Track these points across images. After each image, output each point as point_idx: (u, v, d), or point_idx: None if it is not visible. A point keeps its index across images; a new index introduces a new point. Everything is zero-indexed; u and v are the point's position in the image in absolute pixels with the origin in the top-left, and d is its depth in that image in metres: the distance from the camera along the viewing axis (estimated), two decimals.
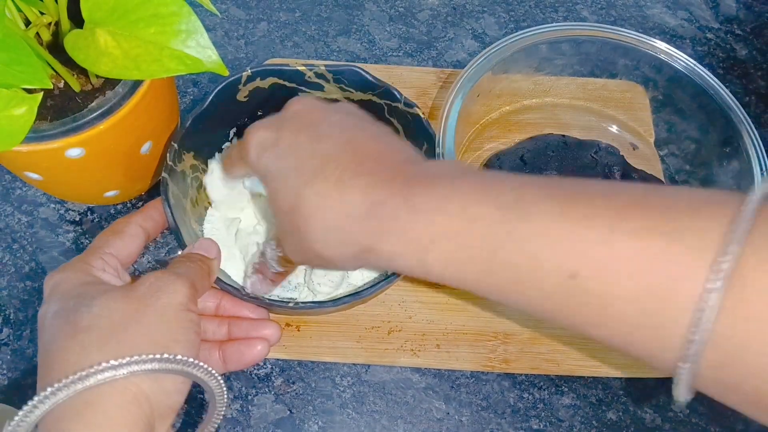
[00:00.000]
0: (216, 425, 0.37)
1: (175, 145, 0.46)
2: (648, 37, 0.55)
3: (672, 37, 0.68)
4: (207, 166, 0.51)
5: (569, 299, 0.29)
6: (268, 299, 0.43)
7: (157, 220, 0.44)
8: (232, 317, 0.45)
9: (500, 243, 0.30)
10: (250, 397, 0.49)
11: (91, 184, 0.48)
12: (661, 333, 0.27)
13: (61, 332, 0.33)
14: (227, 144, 0.52)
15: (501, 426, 0.49)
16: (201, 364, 0.34)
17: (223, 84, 0.49)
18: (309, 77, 0.50)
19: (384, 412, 0.49)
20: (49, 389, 0.31)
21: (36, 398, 0.31)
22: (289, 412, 0.49)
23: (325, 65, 0.50)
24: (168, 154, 0.46)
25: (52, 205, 0.55)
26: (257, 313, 0.45)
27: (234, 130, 0.52)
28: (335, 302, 0.43)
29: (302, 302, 0.43)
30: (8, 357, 0.49)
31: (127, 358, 0.32)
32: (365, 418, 0.49)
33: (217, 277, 0.42)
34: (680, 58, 0.54)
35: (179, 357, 0.33)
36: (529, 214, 0.30)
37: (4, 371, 0.49)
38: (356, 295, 0.43)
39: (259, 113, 0.52)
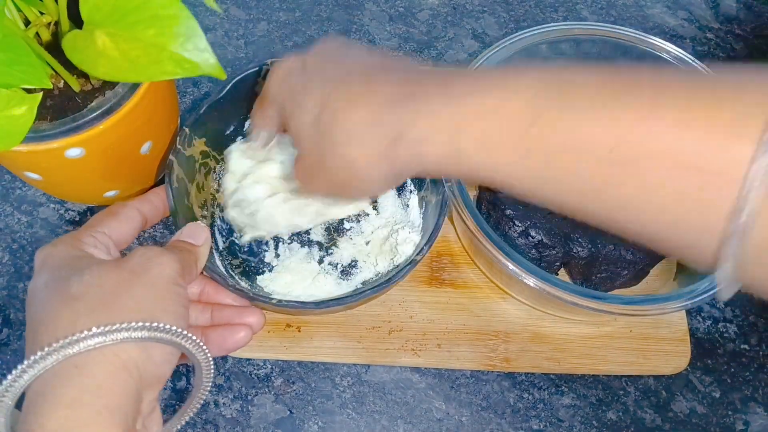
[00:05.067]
0: (202, 399, 0.38)
1: (187, 129, 0.47)
2: (647, 35, 0.55)
3: (672, 36, 0.68)
4: (219, 154, 0.51)
5: (608, 177, 0.28)
6: (252, 293, 0.43)
7: (156, 206, 0.44)
8: (215, 304, 0.44)
9: (535, 118, 0.29)
10: (249, 398, 0.49)
11: (91, 184, 0.48)
12: (705, 209, 0.26)
13: (50, 301, 0.34)
14: (240, 139, 0.52)
15: (501, 426, 0.49)
16: (190, 335, 0.34)
17: (243, 75, 0.49)
18: None
19: (384, 412, 0.49)
20: (39, 353, 0.31)
21: (25, 362, 0.31)
22: (289, 413, 0.49)
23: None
24: (178, 138, 0.46)
25: (52, 205, 0.55)
26: (240, 302, 0.44)
27: (249, 121, 0.52)
28: (318, 305, 0.43)
29: (285, 300, 0.43)
30: (8, 357, 0.49)
31: (117, 325, 0.32)
32: (365, 418, 0.49)
33: (206, 264, 0.42)
34: (680, 56, 0.54)
35: (169, 327, 0.33)
36: (568, 90, 0.29)
37: (4, 371, 0.49)
38: (340, 300, 0.43)
39: None
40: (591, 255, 0.50)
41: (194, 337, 0.35)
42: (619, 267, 0.50)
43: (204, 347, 0.36)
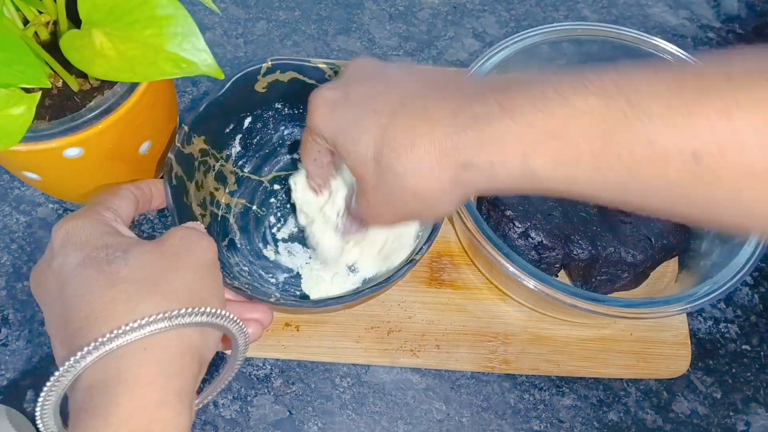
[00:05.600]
0: (229, 378, 0.39)
1: (186, 127, 0.47)
2: (649, 36, 0.55)
3: (673, 36, 0.68)
4: (218, 152, 0.50)
5: (695, 184, 0.28)
6: (250, 292, 0.43)
7: (147, 194, 0.44)
8: None
9: (612, 132, 0.29)
10: (249, 398, 0.49)
11: (90, 184, 0.47)
12: None
13: (95, 281, 0.33)
14: (239, 137, 0.52)
15: (501, 427, 0.49)
16: (238, 321, 0.35)
17: (242, 73, 0.49)
18: (329, 75, 0.50)
19: (384, 413, 0.49)
20: (107, 335, 0.30)
21: (92, 344, 0.30)
22: (288, 413, 0.49)
23: (346, 66, 0.50)
24: (177, 136, 0.46)
25: (51, 205, 0.55)
26: (238, 299, 0.44)
27: (250, 119, 0.52)
28: (316, 303, 0.43)
29: (282, 299, 0.43)
30: (7, 357, 0.49)
31: (183, 310, 0.32)
32: (365, 419, 0.49)
33: None
34: (681, 57, 0.54)
35: (224, 312, 0.34)
36: (636, 99, 0.28)
37: (3, 372, 0.49)
38: (339, 300, 0.43)
39: (277, 106, 0.52)
40: (591, 257, 0.50)
41: (241, 323, 0.36)
42: (619, 269, 0.50)
43: (246, 334, 0.37)
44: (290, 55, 0.64)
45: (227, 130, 0.51)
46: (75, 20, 0.39)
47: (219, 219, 0.51)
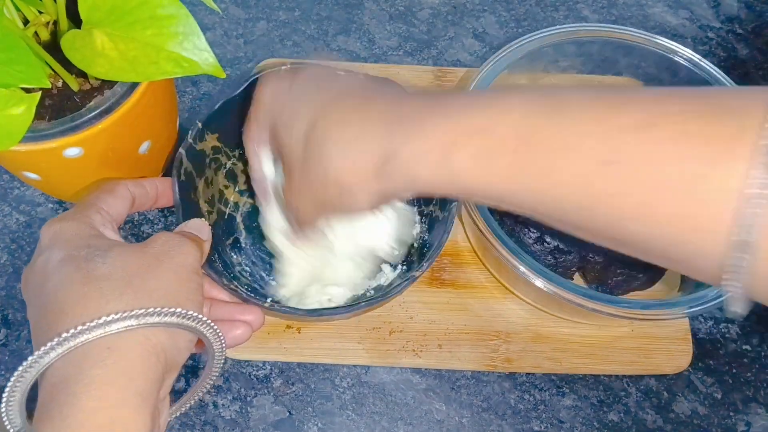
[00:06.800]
0: (207, 386, 0.38)
1: (199, 124, 0.47)
2: (651, 35, 0.55)
3: (673, 36, 0.68)
4: (231, 150, 0.50)
5: (605, 189, 0.29)
6: (245, 294, 0.43)
7: (147, 191, 0.44)
8: (214, 299, 0.44)
9: (528, 132, 0.30)
10: (249, 399, 0.49)
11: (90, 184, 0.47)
12: (703, 224, 0.26)
13: (72, 278, 0.33)
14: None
15: (502, 427, 0.49)
16: (213, 324, 0.35)
17: (262, 74, 0.48)
18: None
19: (384, 414, 0.49)
20: (71, 330, 0.30)
21: (55, 339, 0.30)
22: (288, 414, 0.48)
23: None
24: (189, 132, 0.46)
25: (51, 205, 0.55)
26: (234, 301, 0.44)
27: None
28: (310, 312, 0.43)
29: (278, 304, 0.43)
30: (6, 357, 0.49)
31: (151, 309, 0.32)
32: (365, 420, 0.48)
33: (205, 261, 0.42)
34: (684, 55, 0.54)
35: (196, 315, 0.34)
36: (561, 105, 0.30)
37: (2, 372, 0.49)
38: (335, 310, 0.43)
39: None
40: (607, 258, 0.49)
41: (215, 327, 0.35)
42: (635, 269, 0.49)
43: (222, 338, 0.36)
44: (290, 55, 0.64)
45: (242, 129, 0.51)
46: (75, 20, 0.39)
47: (226, 217, 0.51)
